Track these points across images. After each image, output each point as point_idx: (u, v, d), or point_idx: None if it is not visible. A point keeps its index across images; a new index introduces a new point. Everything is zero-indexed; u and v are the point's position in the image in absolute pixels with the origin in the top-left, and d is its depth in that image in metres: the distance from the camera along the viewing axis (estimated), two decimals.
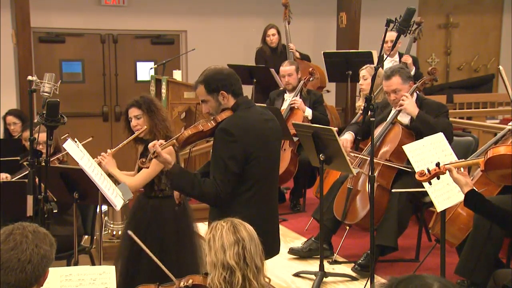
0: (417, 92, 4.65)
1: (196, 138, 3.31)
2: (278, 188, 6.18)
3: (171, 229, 3.93)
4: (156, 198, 3.98)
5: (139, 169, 3.96)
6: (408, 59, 6.45)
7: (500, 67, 4.49)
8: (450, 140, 4.44)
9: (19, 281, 2.13)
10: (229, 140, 3.14)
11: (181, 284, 2.74)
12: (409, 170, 4.20)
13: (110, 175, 3.88)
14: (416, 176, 3.22)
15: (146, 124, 3.91)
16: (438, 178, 3.19)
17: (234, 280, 2.50)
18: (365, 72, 5.46)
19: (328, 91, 7.86)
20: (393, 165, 4.49)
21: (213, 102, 3.26)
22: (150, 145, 3.25)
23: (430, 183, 3.24)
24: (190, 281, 2.73)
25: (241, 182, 3.19)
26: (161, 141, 3.31)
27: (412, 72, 6.41)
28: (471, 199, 3.15)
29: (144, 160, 3.28)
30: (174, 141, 3.28)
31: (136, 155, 4.09)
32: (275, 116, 3.45)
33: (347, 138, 4.75)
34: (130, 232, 3.21)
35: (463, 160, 3.35)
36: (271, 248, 3.40)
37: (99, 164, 3.87)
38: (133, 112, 3.95)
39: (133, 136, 3.94)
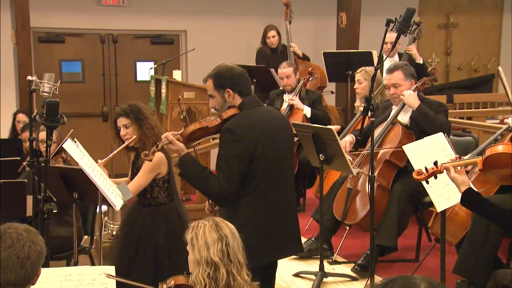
0: (417, 92, 4.65)
1: (200, 134, 3.33)
2: None
3: (164, 237, 3.92)
4: (149, 206, 3.96)
5: (133, 175, 3.97)
6: (412, 49, 6.45)
7: (500, 68, 4.47)
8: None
9: (19, 278, 2.14)
10: (233, 140, 3.16)
11: (164, 286, 2.74)
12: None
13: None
14: (414, 174, 3.22)
15: (135, 133, 3.90)
16: (436, 177, 3.19)
17: (219, 276, 2.52)
18: (360, 76, 5.42)
19: (332, 92, 7.86)
20: (395, 160, 4.46)
21: (219, 98, 3.29)
22: (163, 136, 3.30)
23: (427, 182, 3.23)
24: (172, 282, 2.73)
25: (247, 181, 3.19)
26: (173, 131, 3.33)
27: (421, 61, 6.42)
28: (468, 198, 3.14)
29: (147, 153, 3.29)
30: (178, 136, 3.29)
31: (128, 163, 4.09)
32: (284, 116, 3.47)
33: (347, 140, 4.76)
34: (107, 274, 3.09)
35: (461, 159, 3.34)
36: (287, 246, 3.40)
37: None
38: (122, 121, 3.94)
39: (123, 146, 3.93)
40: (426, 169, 3.16)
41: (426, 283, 1.61)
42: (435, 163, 3.15)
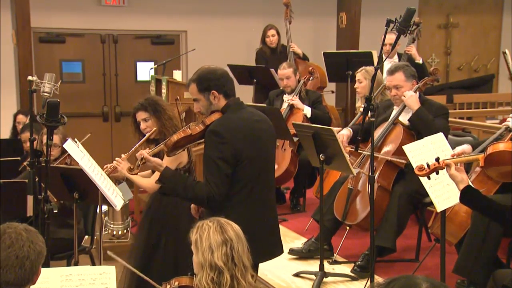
0: (419, 92, 4.63)
1: (185, 142, 3.31)
2: (278, 189, 6.21)
3: (186, 225, 3.93)
4: None
5: (154, 170, 3.98)
6: (412, 49, 6.44)
7: (506, 50, 4.47)
8: None
9: (18, 278, 2.15)
10: (218, 142, 3.14)
11: (167, 287, 2.73)
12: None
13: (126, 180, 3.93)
14: (415, 170, 3.22)
15: (155, 125, 3.97)
16: (437, 173, 3.19)
17: (223, 281, 2.49)
18: (360, 75, 5.41)
19: (332, 92, 7.85)
20: (396, 159, 4.44)
21: (204, 101, 3.26)
22: (138, 154, 3.31)
23: (429, 178, 3.23)
24: (176, 283, 2.71)
25: (233, 183, 3.17)
26: (148, 149, 3.36)
27: (420, 61, 6.41)
28: (466, 195, 3.14)
29: (132, 167, 3.32)
30: (163, 146, 3.30)
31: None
32: (268, 117, 3.41)
33: (344, 133, 4.74)
34: (110, 253, 3.12)
35: (463, 155, 3.34)
36: (271, 249, 3.39)
37: (115, 169, 3.88)
38: (141, 115, 4.01)
39: (144, 138, 3.99)
40: (428, 165, 3.16)
41: (427, 283, 1.61)
42: (437, 159, 3.15)
